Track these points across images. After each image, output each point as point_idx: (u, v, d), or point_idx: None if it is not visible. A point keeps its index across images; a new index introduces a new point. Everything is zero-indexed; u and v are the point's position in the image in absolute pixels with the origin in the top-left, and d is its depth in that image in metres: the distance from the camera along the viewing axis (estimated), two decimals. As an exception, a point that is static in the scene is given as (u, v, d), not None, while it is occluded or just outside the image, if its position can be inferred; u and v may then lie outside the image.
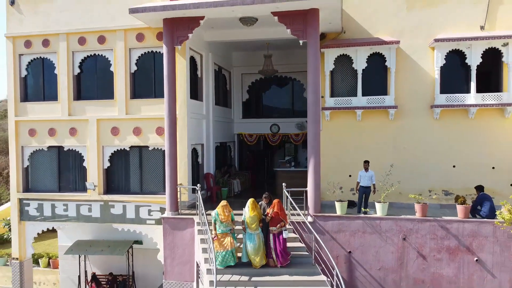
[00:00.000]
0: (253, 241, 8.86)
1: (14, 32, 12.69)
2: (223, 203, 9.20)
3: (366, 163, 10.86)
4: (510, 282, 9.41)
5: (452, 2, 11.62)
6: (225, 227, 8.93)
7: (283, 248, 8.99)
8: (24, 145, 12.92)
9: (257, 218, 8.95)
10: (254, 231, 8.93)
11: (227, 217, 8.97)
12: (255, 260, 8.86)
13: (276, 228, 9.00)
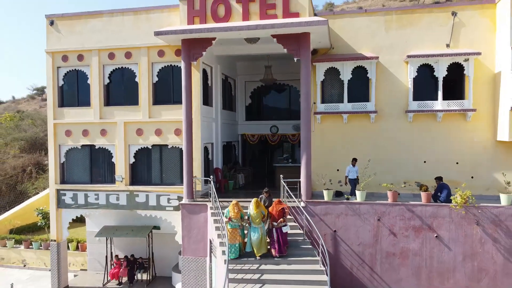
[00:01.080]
0: (256, 233, 10.98)
1: (53, 48, 15.13)
2: (234, 202, 11.02)
3: (354, 160, 13.33)
4: (462, 253, 11.81)
5: (422, 24, 14.01)
6: (235, 223, 10.98)
7: (283, 241, 11.07)
8: (61, 143, 15.35)
9: (260, 214, 10.93)
10: (257, 225, 10.99)
11: (237, 214, 10.91)
12: (256, 249, 10.92)
13: (277, 224, 11.27)
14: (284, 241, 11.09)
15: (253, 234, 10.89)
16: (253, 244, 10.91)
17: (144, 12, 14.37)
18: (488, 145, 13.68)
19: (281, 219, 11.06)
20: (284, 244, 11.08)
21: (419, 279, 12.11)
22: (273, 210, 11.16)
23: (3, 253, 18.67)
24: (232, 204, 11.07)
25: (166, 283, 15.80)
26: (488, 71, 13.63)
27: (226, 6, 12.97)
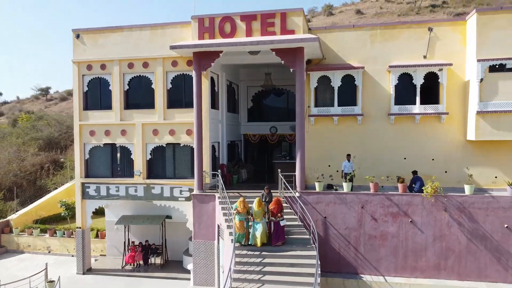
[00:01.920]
0: (258, 227, 13.27)
1: (78, 59, 17.37)
2: (241, 199, 13.09)
3: (348, 156, 15.56)
4: (432, 235, 14.03)
5: (402, 38, 16.21)
6: (241, 216, 13.18)
7: (280, 233, 13.27)
8: (86, 142, 17.60)
9: (261, 211, 13.08)
10: (259, 220, 13.30)
11: (243, 209, 13.13)
12: (258, 240, 13.07)
13: (275, 218, 13.47)
14: (282, 233, 13.17)
15: (256, 227, 13.02)
16: (256, 236, 13.00)
17: (160, 28, 16.61)
18: (459, 144, 15.89)
19: (279, 214, 13.17)
20: (281, 236, 13.20)
21: (397, 257, 14.34)
22: (273, 206, 13.26)
23: (30, 240, 20.94)
24: (240, 200, 13.13)
25: (178, 266, 18.04)
26: (459, 79, 15.84)
27: (231, 24, 15.21)
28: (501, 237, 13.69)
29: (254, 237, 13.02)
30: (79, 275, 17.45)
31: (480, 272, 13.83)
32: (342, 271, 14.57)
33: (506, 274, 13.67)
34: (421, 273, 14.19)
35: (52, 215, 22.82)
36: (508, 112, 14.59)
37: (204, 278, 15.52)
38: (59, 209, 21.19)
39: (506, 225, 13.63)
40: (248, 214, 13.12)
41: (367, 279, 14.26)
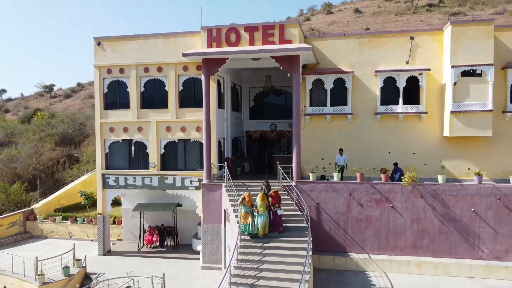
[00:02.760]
0: (261, 219, 15.50)
1: (99, 63, 19.67)
2: (246, 194, 15.06)
3: (340, 150, 17.90)
4: (410, 218, 16.40)
5: (387, 46, 18.48)
6: (247, 208, 15.30)
7: (278, 221, 15.62)
8: (106, 138, 19.94)
9: (264, 205, 15.19)
10: (262, 213, 15.52)
11: (248, 202, 15.26)
12: (260, 230, 15.26)
13: (274, 208, 15.77)
14: (280, 221, 15.36)
15: (259, 219, 15.15)
16: (259, 226, 15.08)
17: (172, 36, 18.90)
18: (437, 139, 18.21)
19: (277, 205, 15.41)
20: (280, 224, 15.49)
21: (380, 238, 16.72)
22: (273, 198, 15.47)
23: (53, 227, 23.30)
24: (246, 194, 15.09)
25: (188, 248, 20.43)
26: (437, 82, 18.15)
27: (236, 34, 17.52)
28: (468, 220, 16.08)
29: (257, 228, 15.02)
30: (100, 256, 19.85)
31: (451, 250, 16.22)
32: (332, 250, 16.96)
33: (473, 252, 16.06)
34: (401, 251, 16.59)
35: (71, 204, 25.18)
36: (478, 111, 16.90)
37: (212, 257, 17.91)
38: (78, 199, 23.52)
39: (473, 209, 16.01)
40: (253, 207, 15.12)
41: (354, 257, 16.66)
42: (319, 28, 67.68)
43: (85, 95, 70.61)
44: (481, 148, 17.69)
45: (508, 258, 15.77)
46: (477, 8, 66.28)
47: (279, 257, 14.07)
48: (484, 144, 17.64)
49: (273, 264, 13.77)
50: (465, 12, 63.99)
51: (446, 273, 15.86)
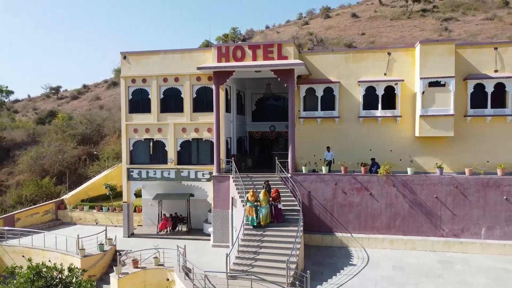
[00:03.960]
0: (263, 210, 19.32)
1: (125, 74, 23.62)
2: (251, 191, 18.65)
3: (328, 148, 21.82)
4: (385, 203, 20.30)
5: (368, 60, 22.36)
6: (252, 203, 19.23)
7: (278, 213, 19.41)
8: (130, 137, 23.87)
9: (266, 199, 18.88)
10: (264, 206, 19.34)
11: (252, 197, 19.08)
12: (263, 220, 19.15)
13: (275, 203, 19.59)
14: (279, 213, 19.08)
15: (262, 211, 18.98)
16: (261, 217, 18.85)
17: (188, 52, 22.84)
18: (410, 139, 22.10)
19: (277, 200, 19.23)
20: (279, 215, 19.30)
21: (360, 220, 20.62)
22: (273, 195, 19.26)
23: (81, 215, 27.22)
24: (250, 192, 18.85)
25: (200, 232, 24.33)
26: (410, 91, 22.04)
27: (242, 51, 21.45)
28: (431, 204, 20.00)
29: (260, 218, 18.67)
30: (125, 238, 23.75)
31: (418, 229, 20.13)
32: (321, 230, 20.87)
33: (435, 230, 19.97)
34: (377, 231, 20.49)
35: (97, 195, 29.09)
36: (442, 116, 20.80)
37: (221, 237, 21.81)
38: (102, 190, 27.44)
39: (435, 195, 19.92)
40: (257, 201, 18.79)
41: (338, 235, 20.57)
42: (317, 33, 71.60)
43: (92, 96, 74.35)
44: (445, 146, 21.60)
45: (463, 236, 19.69)
46: (469, 14, 70.15)
47: (277, 237, 17.80)
48: (448, 143, 21.55)
49: (271, 243, 17.48)
50: (457, 17, 67.93)
51: (413, 248, 19.77)
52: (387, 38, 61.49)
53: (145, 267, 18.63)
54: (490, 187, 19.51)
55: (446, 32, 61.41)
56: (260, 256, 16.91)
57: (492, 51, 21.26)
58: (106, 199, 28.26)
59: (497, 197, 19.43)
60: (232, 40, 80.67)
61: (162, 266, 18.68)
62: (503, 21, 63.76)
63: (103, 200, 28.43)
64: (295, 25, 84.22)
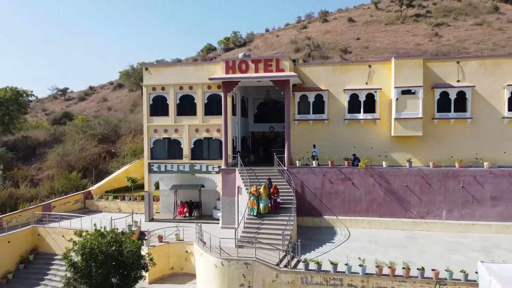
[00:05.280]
0: (263, 202, 24.07)
1: (147, 83, 28.49)
2: (253, 187, 23.37)
3: (314, 146, 26.66)
4: (364, 191, 25.12)
5: (353, 71, 27.17)
6: (254, 197, 23.96)
7: (276, 205, 24.16)
8: (151, 137, 28.73)
9: (266, 193, 23.69)
10: (264, 198, 24.14)
11: (254, 192, 23.80)
12: (262, 210, 23.85)
13: (273, 197, 24.32)
14: (277, 205, 23.87)
15: (262, 203, 23.82)
16: (262, 207, 23.79)
17: (200, 65, 27.74)
18: (387, 138, 26.90)
19: (276, 194, 23.95)
20: (277, 207, 24.03)
21: (343, 205, 25.44)
22: (272, 190, 24.03)
23: (106, 204, 32.04)
24: (253, 187, 23.68)
25: (209, 217, 29.18)
26: (386, 98, 26.84)
27: (246, 65, 26.27)
28: (402, 192, 24.82)
29: (260, 208, 23.53)
30: (146, 222, 28.55)
31: (391, 212, 24.94)
32: (311, 214, 25.68)
33: (405, 213, 24.79)
34: (358, 214, 25.30)
35: (118, 187, 33.92)
36: (412, 118, 25.61)
37: (228, 220, 26.61)
38: (123, 183, 32.27)
39: (405, 184, 24.74)
40: (259, 195, 23.63)
41: (326, 218, 25.39)
42: (315, 37, 76.46)
43: (99, 98, 79.04)
44: (416, 143, 26.42)
45: (428, 217, 24.52)
46: (460, 19, 74.95)
47: (275, 221, 22.57)
48: (418, 141, 26.36)
49: (270, 225, 22.29)
50: (448, 22, 72.77)
51: (387, 227, 24.59)
52: (380, 43, 66.31)
53: (168, 242, 23.49)
54: (450, 177, 24.36)
55: (436, 37, 66.23)
56: (261, 232, 21.74)
57: (455, 64, 26.09)
58: (127, 190, 33.09)
59: (455, 185, 24.28)
60: (233, 43, 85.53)
61: (182, 241, 23.53)
62: (491, 27, 68.50)
63: (124, 191, 33.26)
64: (294, 29, 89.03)
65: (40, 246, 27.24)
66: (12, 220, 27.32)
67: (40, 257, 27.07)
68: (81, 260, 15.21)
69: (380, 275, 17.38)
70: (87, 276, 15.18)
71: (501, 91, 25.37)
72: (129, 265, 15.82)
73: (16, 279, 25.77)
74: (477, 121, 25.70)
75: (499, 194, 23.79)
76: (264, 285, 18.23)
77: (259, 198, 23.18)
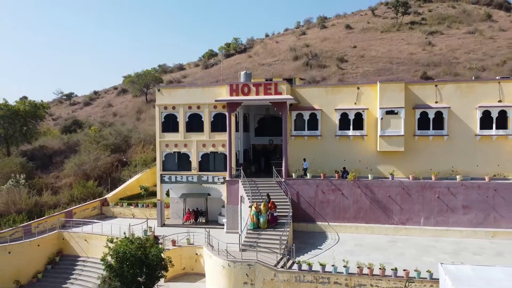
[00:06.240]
0: (263, 218, 27.77)
1: (159, 103, 32.36)
2: (254, 204, 27.04)
3: (304, 159, 30.51)
4: (352, 200, 28.98)
5: (343, 92, 30.97)
6: (255, 213, 27.69)
7: (274, 219, 27.87)
8: (163, 151, 32.61)
9: (265, 209, 27.46)
10: (263, 214, 27.86)
11: (256, 208, 27.55)
12: (262, 225, 27.51)
13: (271, 211, 28.06)
14: (275, 219, 27.59)
15: (262, 218, 27.53)
16: (261, 222, 27.48)
17: (207, 87, 31.65)
18: (373, 152, 30.74)
19: (273, 209, 27.68)
20: (275, 220, 27.74)
21: (334, 212, 29.31)
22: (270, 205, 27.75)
23: (121, 210, 35.92)
24: (254, 204, 27.34)
25: (215, 223, 33.07)
26: (373, 116, 30.64)
27: (248, 88, 30.10)
28: (386, 201, 28.70)
29: (260, 223, 27.28)
30: (159, 227, 32.40)
31: (376, 219, 28.83)
32: (306, 220, 29.55)
33: (388, 219, 28.68)
34: (347, 220, 29.18)
35: (131, 194, 37.81)
36: (395, 136, 29.44)
37: (232, 226, 30.49)
38: (136, 190, 36.11)
39: (388, 194, 28.61)
40: (259, 211, 27.35)
41: (318, 224, 29.28)
42: (313, 44, 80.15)
43: (104, 103, 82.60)
44: (399, 157, 30.27)
45: (408, 223, 28.40)
46: (453, 27, 78.72)
47: (273, 231, 26.47)
48: (400, 155, 30.20)
49: (269, 235, 26.19)
50: (441, 30, 76.55)
51: (372, 232, 28.47)
52: (375, 52, 70.09)
53: (180, 245, 27.37)
54: (427, 188, 28.24)
55: (429, 46, 70.02)
56: (262, 238, 25.63)
57: (434, 87, 29.91)
58: (140, 197, 36.95)
59: (432, 195, 28.16)
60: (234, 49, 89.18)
61: (192, 244, 27.42)
62: (483, 35, 72.28)
63: (137, 198, 37.14)
64: (293, 34, 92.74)
65: (65, 249, 31.14)
66: (40, 226, 31.18)
67: (65, 259, 30.96)
68: (115, 262, 19.01)
69: (361, 275, 21.24)
70: (120, 276, 18.99)
71: (473, 112, 29.19)
72: (153, 266, 19.63)
73: (45, 278, 29.68)
74: (453, 137, 29.54)
75: (469, 203, 27.67)
76: (264, 283, 22.09)
77: (259, 214, 26.91)
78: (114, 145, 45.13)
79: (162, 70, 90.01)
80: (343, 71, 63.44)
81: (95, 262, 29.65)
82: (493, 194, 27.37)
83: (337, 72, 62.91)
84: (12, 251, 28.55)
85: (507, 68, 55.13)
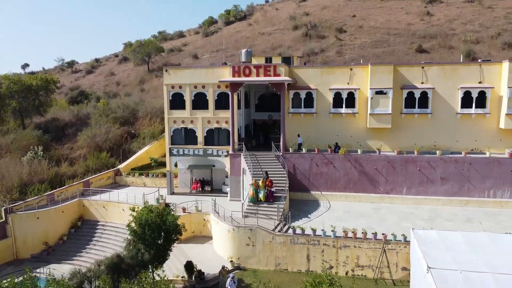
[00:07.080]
0: (262, 192, 31.40)
1: (167, 82, 35.50)
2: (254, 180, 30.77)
3: (298, 135, 34.03)
4: (343, 172, 32.81)
5: (337, 73, 34.03)
6: (254, 189, 31.25)
7: (271, 195, 31.53)
8: (171, 126, 36.12)
9: (263, 185, 31.10)
10: (262, 189, 31.45)
11: (255, 184, 31.22)
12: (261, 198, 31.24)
13: (269, 188, 31.64)
14: (272, 194, 31.34)
15: (261, 192, 31.25)
16: (261, 196, 31.24)
17: (211, 68, 34.67)
18: (364, 129, 34.21)
19: (271, 186, 31.34)
20: (272, 196, 31.46)
21: (327, 183, 33.19)
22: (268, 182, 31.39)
23: (133, 179, 39.85)
24: (254, 181, 31.05)
25: (219, 191, 37.07)
26: (364, 96, 33.87)
27: (249, 69, 33.14)
28: (373, 173, 32.51)
29: (259, 197, 31.07)
30: (168, 195, 36.39)
31: (364, 189, 32.76)
32: (301, 190, 33.49)
33: (375, 189, 32.63)
34: (338, 190, 33.13)
35: (142, 165, 41.61)
36: (383, 114, 32.80)
37: (235, 194, 34.47)
38: (145, 161, 39.98)
39: (375, 167, 32.36)
40: (258, 187, 31.04)
41: (312, 193, 33.25)
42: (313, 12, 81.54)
43: (107, 71, 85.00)
44: (387, 134, 33.78)
45: (392, 193, 32.37)
46: (452, -5, 79.70)
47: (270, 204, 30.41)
48: (388, 132, 33.70)
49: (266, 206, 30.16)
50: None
51: (360, 201, 32.49)
52: (374, 22, 71.88)
53: (189, 212, 31.41)
54: (410, 162, 31.97)
55: (427, 16, 71.69)
56: (260, 211, 29.62)
57: (420, 69, 32.95)
58: (149, 167, 40.78)
59: (414, 168, 31.94)
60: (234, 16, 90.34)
61: (200, 211, 31.47)
62: (482, 4, 73.73)
63: (147, 168, 40.98)
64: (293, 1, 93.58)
65: (85, 215, 35.30)
66: (61, 194, 35.13)
67: (86, 224, 35.16)
68: (138, 228, 22.89)
69: (346, 238, 25.32)
70: (142, 239, 22.93)
71: (456, 92, 32.41)
72: (170, 231, 23.55)
73: (69, 240, 34.00)
74: (436, 115, 32.93)
75: (447, 175, 31.49)
76: (264, 244, 26.23)
77: (258, 189, 30.66)
78: (123, 118, 48.46)
79: (162, 37, 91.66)
80: (341, 42, 65.69)
81: (114, 227, 33.94)
82: (468, 167, 31.15)
83: (336, 44, 65.21)
84: (40, 217, 32.65)
85: (500, 41, 57.56)
